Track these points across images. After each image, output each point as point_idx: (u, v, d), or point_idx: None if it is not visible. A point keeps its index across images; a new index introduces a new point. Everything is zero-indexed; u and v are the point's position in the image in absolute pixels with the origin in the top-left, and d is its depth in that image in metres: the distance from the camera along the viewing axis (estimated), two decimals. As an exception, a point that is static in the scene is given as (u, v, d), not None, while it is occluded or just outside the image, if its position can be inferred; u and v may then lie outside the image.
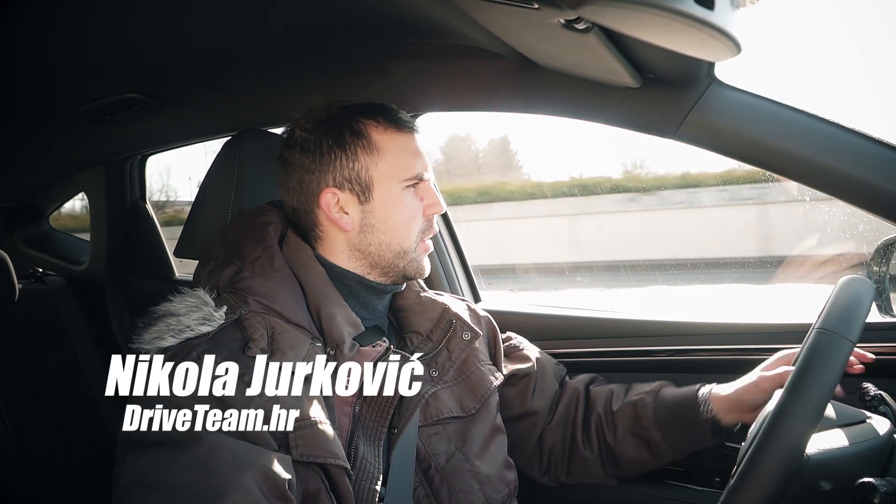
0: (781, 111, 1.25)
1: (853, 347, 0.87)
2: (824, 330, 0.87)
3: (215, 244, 1.27)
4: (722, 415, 1.31)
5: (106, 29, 1.31)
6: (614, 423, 1.42)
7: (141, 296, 2.48)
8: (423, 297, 1.37)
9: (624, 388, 1.47)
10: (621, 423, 1.41)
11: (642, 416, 1.38)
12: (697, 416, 1.33)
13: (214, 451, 0.96)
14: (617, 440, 1.41)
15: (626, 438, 1.40)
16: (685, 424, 1.34)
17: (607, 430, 1.42)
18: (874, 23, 2.98)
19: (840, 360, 0.85)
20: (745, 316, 1.52)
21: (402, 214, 1.23)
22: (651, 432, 1.37)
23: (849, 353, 0.86)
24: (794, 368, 0.88)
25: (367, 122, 1.24)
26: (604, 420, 1.43)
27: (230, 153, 1.44)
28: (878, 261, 1.45)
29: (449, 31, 1.31)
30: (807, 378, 0.85)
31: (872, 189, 1.19)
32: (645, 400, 1.39)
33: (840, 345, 0.86)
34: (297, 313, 1.17)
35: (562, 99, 1.44)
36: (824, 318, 0.88)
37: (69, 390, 2.28)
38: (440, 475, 1.24)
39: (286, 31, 1.39)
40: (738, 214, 3.80)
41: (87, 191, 2.52)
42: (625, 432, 1.40)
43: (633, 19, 0.72)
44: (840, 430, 0.94)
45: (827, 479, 0.86)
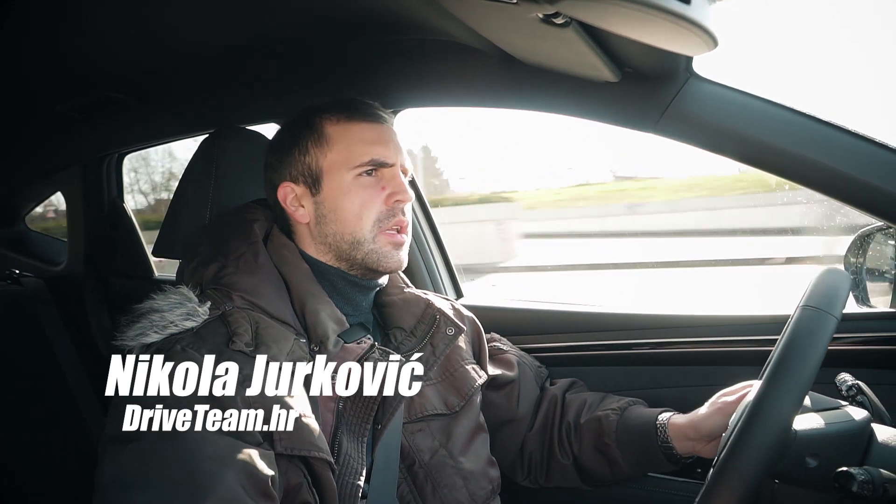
0: (760, 105, 1.26)
1: (837, 323, 0.87)
2: (809, 306, 0.88)
3: (200, 241, 1.27)
4: (676, 442, 1.33)
5: (82, 28, 1.30)
6: (580, 434, 1.43)
7: (120, 296, 2.46)
8: (407, 292, 1.37)
9: (599, 398, 1.48)
10: (586, 436, 1.42)
11: (605, 431, 1.39)
12: (654, 442, 1.34)
13: (197, 447, 0.96)
14: (581, 451, 1.43)
15: (590, 451, 1.42)
16: (643, 447, 1.35)
17: (574, 441, 1.44)
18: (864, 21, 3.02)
19: (825, 335, 0.86)
20: (725, 308, 1.54)
21: (351, 203, 1.23)
22: (612, 449, 1.38)
23: (833, 329, 0.87)
24: (780, 344, 0.88)
25: (323, 116, 1.26)
26: (572, 430, 1.44)
27: (208, 151, 1.43)
28: (854, 252, 1.46)
29: (429, 28, 1.31)
30: (793, 353, 0.86)
31: (850, 181, 1.20)
32: (610, 416, 1.40)
33: (825, 320, 0.86)
34: (280, 309, 1.17)
35: (542, 94, 1.44)
36: (808, 296, 0.89)
37: (49, 393, 2.26)
38: (424, 471, 1.25)
39: (265, 30, 1.38)
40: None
41: (64, 191, 2.49)
42: (588, 445, 1.42)
43: (609, 14, 0.72)
44: (820, 413, 0.96)
45: (813, 455, 0.87)
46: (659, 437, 1.33)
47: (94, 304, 2.45)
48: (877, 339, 1.36)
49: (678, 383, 1.56)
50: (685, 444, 1.32)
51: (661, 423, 1.34)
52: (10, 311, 2.27)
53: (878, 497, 0.80)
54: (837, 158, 1.21)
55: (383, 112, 1.29)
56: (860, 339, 1.36)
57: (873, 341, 1.36)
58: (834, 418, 0.94)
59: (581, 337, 1.68)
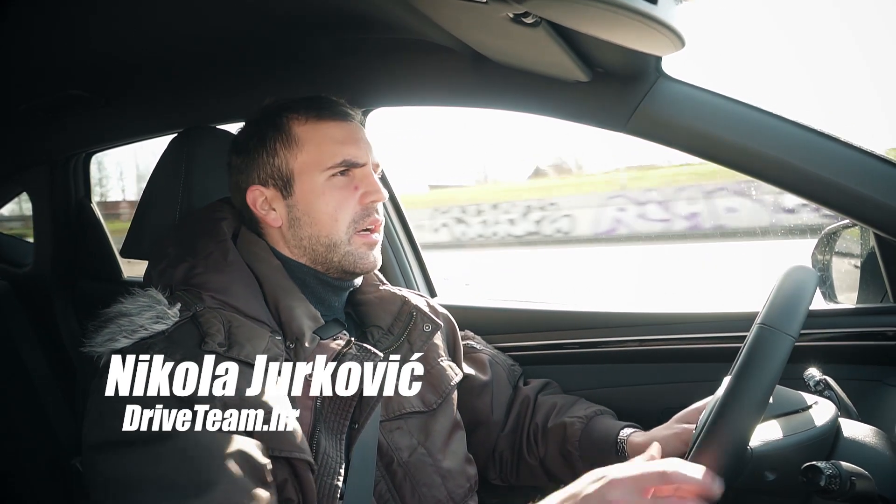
0: (729, 105, 1.27)
1: (794, 342, 0.88)
2: (766, 325, 0.88)
3: (167, 242, 1.24)
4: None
5: (47, 25, 1.27)
6: (546, 437, 1.43)
7: (88, 298, 2.42)
8: (382, 290, 1.35)
9: (570, 402, 1.48)
10: (551, 440, 1.42)
11: (569, 438, 1.39)
12: (612, 456, 1.33)
13: (192, 442, 0.94)
14: (547, 454, 1.43)
15: (555, 455, 1.42)
16: (602, 459, 1.32)
17: (540, 443, 1.44)
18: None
19: (781, 356, 0.86)
20: (701, 305, 1.55)
21: (326, 206, 1.20)
22: (574, 456, 1.38)
23: (790, 348, 0.88)
24: (737, 364, 0.89)
25: (290, 116, 1.22)
26: (540, 432, 1.44)
27: (177, 151, 1.41)
28: (821, 249, 1.49)
29: (401, 27, 1.30)
30: (748, 374, 0.86)
31: (819, 181, 1.22)
32: (575, 425, 1.40)
33: (781, 340, 0.87)
34: (254, 307, 1.14)
35: (513, 93, 1.44)
36: (766, 313, 0.89)
37: (16, 397, 2.22)
38: (402, 470, 1.24)
39: (235, 27, 1.37)
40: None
41: (30, 191, 2.45)
42: (553, 449, 1.42)
43: (578, 13, 0.72)
44: (781, 419, 0.96)
45: (771, 469, 0.88)
46: (618, 453, 1.33)
47: (62, 307, 2.41)
48: (844, 335, 1.38)
49: (652, 380, 1.57)
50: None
51: (622, 438, 1.34)
52: (-26, 314, 2.23)
53: (846, 491, 0.81)
54: (806, 158, 1.22)
55: (350, 110, 1.26)
56: (828, 335, 1.38)
57: (840, 337, 1.38)
58: (794, 427, 0.95)
59: (555, 335, 1.68)
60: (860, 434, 0.98)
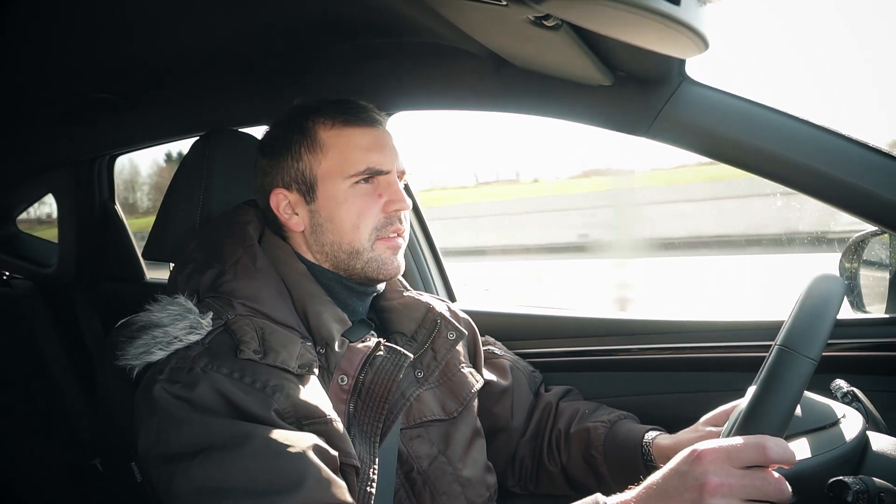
0: (753, 109, 1.25)
1: (815, 365, 0.85)
2: (785, 348, 0.85)
3: (192, 246, 1.23)
4: (660, 463, 1.28)
5: (75, 28, 1.29)
6: (569, 443, 1.41)
7: (111, 299, 2.45)
8: (406, 296, 1.34)
9: (592, 407, 1.46)
10: (574, 445, 1.40)
11: (593, 443, 1.37)
12: (638, 459, 1.30)
13: (268, 439, 0.93)
14: (569, 460, 1.40)
15: (577, 461, 1.39)
16: (627, 463, 1.32)
17: (563, 449, 1.42)
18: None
19: (801, 380, 0.83)
20: (721, 314, 1.53)
21: (348, 213, 1.18)
22: (598, 461, 1.35)
23: (810, 372, 0.85)
24: (756, 387, 0.86)
25: (316, 120, 1.21)
26: (562, 438, 1.42)
27: (199, 153, 1.42)
28: (849, 257, 1.46)
29: (422, 30, 1.30)
30: (767, 398, 0.84)
31: (844, 186, 1.20)
32: (599, 429, 1.38)
33: (801, 364, 0.84)
34: (283, 313, 1.13)
35: (534, 97, 1.43)
36: (787, 334, 0.86)
37: (38, 396, 2.25)
38: (422, 478, 1.23)
39: (257, 31, 1.38)
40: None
41: (55, 192, 2.49)
42: (576, 455, 1.39)
43: (599, 15, 0.71)
44: (809, 436, 0.94)
45: (794, 492, 0.86)
46: (643, 456, 1.30)
47: (85, 307, 2.45)
48: (872, 346, 1.35)
49: (674, 389, 1.55)
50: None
51: (647, 441, 1.31)
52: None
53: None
54: (832, 163, 1.20)
55: (378, 115, 1.24)
56: (855, 345, 1.35)
57: (869, 347, 1.35)
58: (821, 446, 0.92)
59: (576, 342, 1.67)
60: (889, 447, 0.95)
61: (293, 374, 1.04)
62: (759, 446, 0.77)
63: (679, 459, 0.81)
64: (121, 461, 1.26)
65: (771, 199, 1.62)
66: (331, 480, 0.93)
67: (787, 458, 0.77)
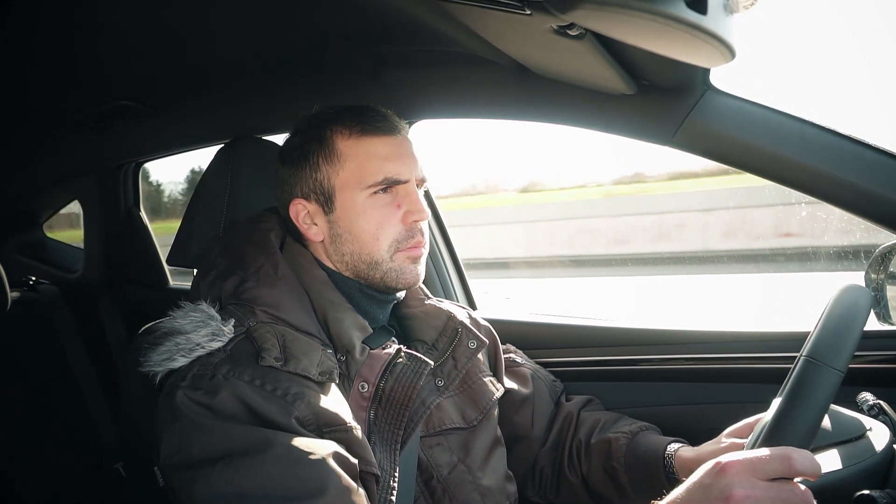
0: (778, 118, 1.24)
1: (842, 377, 0.84)
2: (811, 358, 0.84)
3: (214, 253, 1.24)
4: (682, 475, 1.27)
5: (101, 36, 1.31)
6: (589, 453, 1.40)
7: (135, 304, 2.47)
8: (427, 304, 1.34)
9: (613, 418, 1.45)
10: (595, 456, 1.39)
11: (614, 454, 1.36)
12: (659, 471, 1.29)
13: (289, 446, 0.93)
14: (590, 471, 1.39)
15: (598, 472, 1.38)
16: (649, 475, 1.30)
17: (583, 459, 1.41)
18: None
19: (827, 392, 0.82)
20: (744, 324, 1.51)
21: (367, 224, 1.18)
22: (619, 473, 1.34)
23: (837, 383, 0.84)
24: (781, 398, 0.85)
25: (334, 129, 1.20)
26: (583, 448, 1.41)
27: (223, 160, 1.43)
28: (875, 268, 1.43)
29: (444, 39, 1.30)
30: (792, 410, 0.83)
31: (870, 197, 1.18)
32: (620, 440, 1.36)
33: (828, 375, 0.83)
34: (304, 321, 1.14)
35: (556, 106, 1.43)
36: (813, 345, 0.85)
37: (62, 400, 2.27)
38: (442, 486, 1.22)
39: (282, 39, 1.39)
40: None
41: (81, 198, 2.52)
42: (597, 465, 1.38)
43: (624, 24, 0.71)
44: (835, 449, 0.93)
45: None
46: (665, 468, 1.28)
47: (109, 312, 2.48)
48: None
49: (697, 400, 1.53)
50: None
51: (669, 453, 1.29)
52: (25, 317, 2.29)
53: None
54: (859, 174, 1.18)
55: (397, 122, 1.24)
56: (882, 356, 1.33)
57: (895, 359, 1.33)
58: (853, 457, 0.91)
59: (597, 352, 1.66)
60: None
61: (314, 381, 1.04)
62: (784, 458, 0.76)
63: (703, 472, 0.80)
64: (144, 466, 1.27)
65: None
66: (351, 489, 0.93)
67: (814, 470, 0.75)
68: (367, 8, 1.22)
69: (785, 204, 3.58)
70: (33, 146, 2.12)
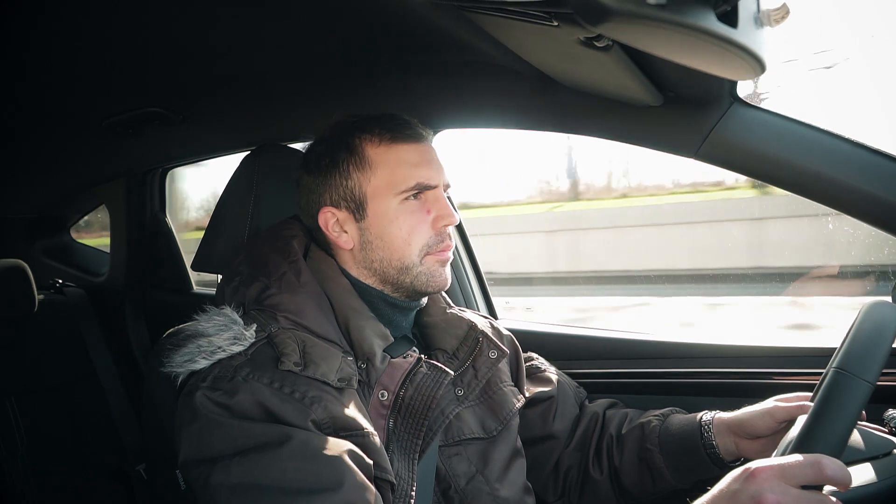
0: (805, 131, 1.23)
1: (872, 389, 0.83)
2: (842, 370, 0.83)
3: (239, 260, 1.25)
4: (719, 438, 1.27)
5: (129, 43, 1.32)
6: (621, 444, 1.39)
7: (159, 308, 2.50)
8: (449, 313, 1.34)
9: (639, 412, 1.45)
10: (628, 445, 1.38)
11: (648, 437, 1.35)
12: (697, 441, 1.29)
13: (306, 442, 0.95)
14: (623, 462, 1.38)
15: (631, 461, 1.37)
16: (686, 450, 1.30)
17: (616, 452, 1.40)
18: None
19: (857, 403, 0.81)
20: (766, 339, 1.50)
21: (399, 230, 1.19)
22: (654, 455, 1.33)
23: (867, 395, 0.83)
24: (811, 410, 0.85)
25: (363, 137, 1.22)
26: (615, 441, 1.41)
27: (249, 168, 1.44)
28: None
29: (469, 48, 1.30)
30: (823, 421, 0.82)
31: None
32: (653, 422, 1.37)
33: (858, 387, 0.82)
34: (326, 328, 1.15)
35: (581, 117, 1.43)
36: (843, 357, 0.85)
37: (86, 401, 2.30)
38: (459, 497, 1.22)
39: (307, 48, 1.40)
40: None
41: (108, 203, 2.55)
42: (630, 454, 1.37)
43: (654, 37, 0.71)
44: (864, 464, 0.92)
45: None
46: (703, 436, 1.28)
47: (133, 316, 2.50)
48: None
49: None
50: (728, 440, 1.26)
51: (706, 420, 1.29)
52: (51, 319, 2.32)
53: None
54: (888, 188, 1.17)
55: (423, 130, 1.25)
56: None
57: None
58: (878, 473, 0.90)
59: (620, 364, 1.65)
60: None
61: (332, 387, 1.05)
62: (815, 464, 0.75)
63: (731, 478, 0.80)
64: (165, 468, 1.28)
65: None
66: (367, 486, 0.94)
67: (844, 478, 0.75)
68: (394, 18, 1.23)
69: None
70: (62, 151, 2.15)
